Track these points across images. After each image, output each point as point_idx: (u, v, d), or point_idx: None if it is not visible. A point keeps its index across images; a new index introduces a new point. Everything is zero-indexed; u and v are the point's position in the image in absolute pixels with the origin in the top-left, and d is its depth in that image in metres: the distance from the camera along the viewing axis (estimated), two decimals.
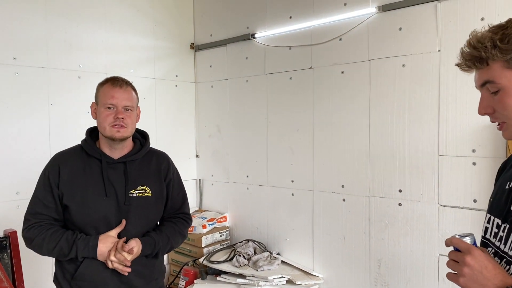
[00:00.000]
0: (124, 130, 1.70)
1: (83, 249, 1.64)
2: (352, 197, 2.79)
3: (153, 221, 1.84)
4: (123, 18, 3.31)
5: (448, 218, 2.40)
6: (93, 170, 1.73)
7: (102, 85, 1.76)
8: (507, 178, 1.08)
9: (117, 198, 1.72)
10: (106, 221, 1.70)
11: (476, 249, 0.95)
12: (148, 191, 1.78)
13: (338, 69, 2.84)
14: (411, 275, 2.56)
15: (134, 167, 1.79)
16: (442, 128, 2.41)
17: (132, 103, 1.73)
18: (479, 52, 0.96)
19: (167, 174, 1.87)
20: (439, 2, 2.39)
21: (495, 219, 1.06)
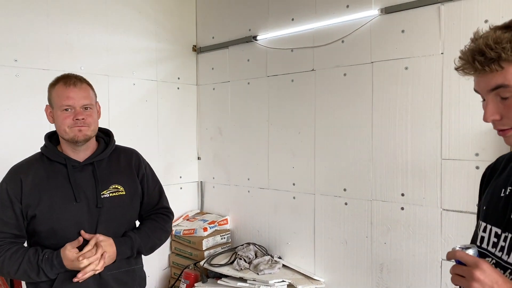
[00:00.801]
0: (87, 129, 1.60)
1: (51, 270, 1.54)
2: (354, 200, 2.77)
3: (131, 221, 1.78)
4: (125, 20, 3.30)
5: (450, 222, 2.38)
6: (58, 176, 1.63)
7: (53, 86, 1.63)
8: (501, 184, 1.04)
9: (88, 202, 1.63)
10: (79, 228, 1.59)
11: (484, 262, 0.90)
12: (121, 189, 1.71)
13: (340, 71, 2.82)
14: (413, 280, 2.53)
15: (103, 167, 1.70)
16: (445, 131, 2.38)
17: (90, 101, 1.63)
18: (497, 53, 0.88)
19: (139, 169, 1.80)
20: (442, 4, 2.36)
21: (492, 227, 1.02)
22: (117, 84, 3.24)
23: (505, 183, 1.02)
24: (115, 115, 3.21)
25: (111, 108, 3.18)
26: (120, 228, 1.71)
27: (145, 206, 1.82)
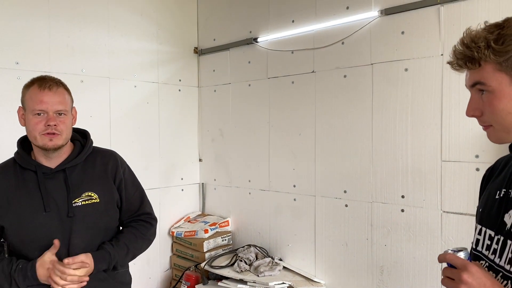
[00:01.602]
0: (58, 138, 1.52)
1: (24, 281, 1.47)
2: (354, 202, 2.76)
3: (108, 229, 1.66)
4: (126, 22, 3.31)
5: (451, 224, 2.36)
6: (28, 184, 1.55)
7: (28, 88, 1.55)
8: (496, 186, 1.03)
9: (59, 211, 1.54)
10: (49, 239, 1.50)
11: (473, 265, 0.90)
12: (95, 197, 1.60)
13: (340, 73, 2.81)
14: (413, 282, 2.51)
15: (76, 173, 1.60)
16: (445, 133, 2.37)
17: (65, 106, 1.54)
18: (472, 52, 0.91)
19: (116, 174, 1.68)
20: (442, 6, 2.36)
21: (487, 230, 1.01)
22: (118, 86, 3.25)
23: (500, 185, 1.02)
24: (117, 118, 3.22)
25: (112, 111, 3.20)
26: (96, 238, 1.61)
27: (125, 213, 1.72)
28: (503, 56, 0.89)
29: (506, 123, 0.92)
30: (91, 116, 3.09)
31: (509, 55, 0.88)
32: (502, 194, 0.99)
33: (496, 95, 0.92)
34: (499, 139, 0.96)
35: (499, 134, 0.95)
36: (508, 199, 0.97)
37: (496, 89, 0.91)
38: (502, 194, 0.99)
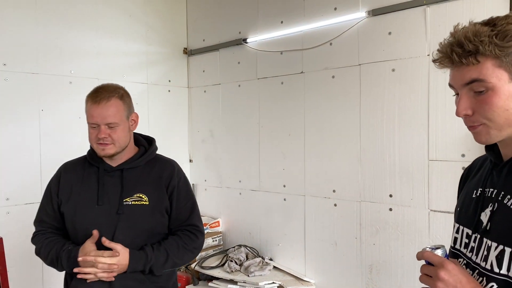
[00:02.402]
0: (110, 147, 1.64)
1: (67, 262, 1.62)
2: (343, 202, 2.78)
3: (151, 232, 1.71)
4: (115, 23, 3.31)
5: (438, 223, 2.39)
6: (90, 178, 1.71)
7: (86, 101, 1.69)
8: (473, 186, 1.05)
9: (110, 207, 1.66)
10: (97, 229, 1.63)
11: (450, 262, 0.92)
12: (145, 199, 1.69)
13: (329, 73, 2.83)
14: (402, 280, 2.54)
15: (133, 175, 1.72)
16: (432, 132, 2.40)
17: (115, 119, 1.63)
18: (475, 46, 0.88)
19: (170, 182, 1.75)
20: (428, 7, 2.38)
21: (464, 228, 1.03)
22: None
23: (477, 185, 1.03)
24: None
25: None
26: (139, 237, 1.67)
27: (173, 221, 1.76)
28: (505, 52, 0.87)
29: (502, 120, 0.91)
30: (79, 117, 3.06)
31: (510, 51, 0.87)
32: (479, 193, 1.01)
33: (496, 92, 0.90)
34: (489, 138, 0.94)
35: (491, 131, 0.93)
36: (484, 198, 0.98)
37: (496, 85, 0.89)
38: (478, 193, 1.01)
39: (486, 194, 0.98)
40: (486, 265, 0.93)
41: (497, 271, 0.90)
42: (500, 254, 0.89)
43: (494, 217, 0.94)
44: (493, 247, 0.92)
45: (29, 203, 2.82)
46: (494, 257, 0.91)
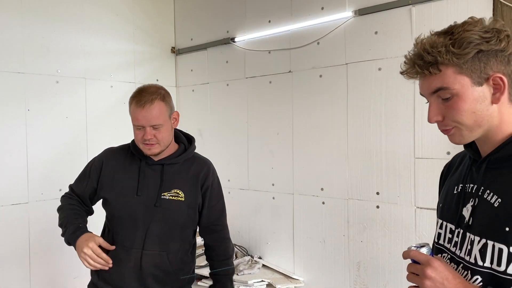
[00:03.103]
0: (155, 147, 1.74)
1: (71, 235, 1.72)
2: (331, 200, 2.80)
3: (183, 227, 1.82)
4: (102, 22, 3.29)
5: (424, 220, 2.42)
6: (132, 168, 1.81)
7: (130, 102, 1.77)
8: (454, 182, 1.08)
9: (148, 198, 1.76)
10: (132, 218, 1.75)
11: (436, 260, 0.94)
12: (182, 195, 1.79)
13: (316, 73, 2.85)
14: (389, 277, 2.57)
15: (173, 171, 1.82)
16: (418, 130, 2.43)
17: (159, 121, 1.72)
18: (434, 57, 0.94)
19: (205, 181, 1.86)
20: (413, 6, 2.41)
21: (447, 224, 1.06)
22: (94, 86, 3.23)
23: (457, 181, 1.06)
24: (93, 118, 3.20)
25: (88, 111, 3.18)
26: (171, 231, 1.78)
27: (204, 219, 1.87)
28: (462, 59, 0.93)
29: (470, 122, 0.96)
30: (67, 117, 3.06)
31: (468, 58, 0.93)
32: (460, 189, 1.04)
33: (461, 97, 0.95)
34: (463, 139, 0.99)
35: (463, 133, 0.98)
36: (465, 193, 1.02)
37: (460, 91, 0.95)
38: (459, 189, 1.04)
39: (467, 189, 1.01)
40: (470, 259, 0.96)
41: (481, 264, 0.93)
42: (483, 247, 0.92)
43: (476, 212, 0.97)
44: (476, 241, 0.94)
45: (16, 203, 2.80)
46: (477, 251, 0.94)
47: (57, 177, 2.99)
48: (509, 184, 0.91)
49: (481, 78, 0.93)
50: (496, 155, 0.95)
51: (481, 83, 0.94)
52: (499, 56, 0.92)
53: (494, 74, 0.93)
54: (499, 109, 0.95)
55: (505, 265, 0.87)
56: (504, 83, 0.92)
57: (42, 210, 2.91)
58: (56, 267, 2.98)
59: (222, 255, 1.92)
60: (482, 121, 0.95)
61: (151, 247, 1.75)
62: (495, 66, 0.92)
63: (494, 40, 0.91)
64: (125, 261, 1.74)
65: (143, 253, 1.74)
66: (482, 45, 0.91)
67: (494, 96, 0.94)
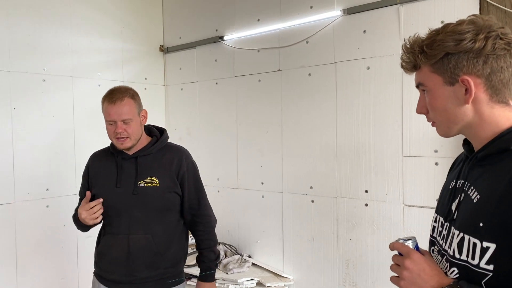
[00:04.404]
0: (127, 141, 1.92)
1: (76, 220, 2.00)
2: (320, 198, 2.82)
3: (162, 208, 1.97)
4: (89, 20, 3.25)
5: (412, 217, 2.45)
6: (111, 165, 2.01)
7: (103, 101, 1.95)
8: (451, 178, 1.11)
9: (127, 188, 1.94)
10: (115, 208, 1.94)
11: (415, 252, 1.00)
12: (156, 181, 1.95)
13: (305, 71, 2.86)
14: (378, 274, 2.59)
15: (146, 161, 1.99)
16: (406, 129, 2.45)
17: (129, 115, 1.90)
18: (409, 55, 1.02)
19: (180, 167, 2.01)
20: (401, 6, 2.43)
21: (440, 218, 1.10)
22: (82, 85, 3.19)
23: (453, 177, 1.10)
24: (81, 117, 3.16)
25: (76, 110, 3.14)
26: (152, 214, 1.95)
27: (185, 201, 2.03)
28: (433, 59, 0.98)
29: (443, 119, 1.02)
30: (53, 116, 3.03)
31: (437, 58, 0.97)
32: (453, 185, 1.07)
33: (433, 94, 1.01)
34: (444, 133, 1.05)
35: (442, 128, 1.04)
36: (456, 189, 1.05)
37: (432, 89, 1.01)
38: (453, 185, 1.08)
39: (458, 185, 1.05)
40: (450, 251, 1.00)
41: (458, 257, 0.96)
42: (461, 241, 0.96)
43: (460, 207, 1.01)
44: (455, 234, 0.98)
45: (2, 204, 2.77)
46: (456, 244, 0.97)
47: (44, 177, 2.96)
48: (488, 182, 0.94)
49: (452, 79, 0.97)
50: (482, 153, 0.98)
51: (453, 83, 0.97)
52: (471, 58, 0.94)
53: (463, 76, 0.95)
54: (476, 109, 0.97)
55: (478, 259, 0.90)
56: (470, 85, 0.95)
57: (29, 210, 2.88)
58: (43, 268, 2.94)
59: (203, 230, 2.08)
60: (455, 119, 0.99)
61: (136, 231, 1.92)
62: (465, 68, 0.95)
63: (466, 42, 0.93)
64: (114, 247, 1.94)
65: (129, 238, 1.91)
66: (450, 48, 0.95)
67: (465, 96, 0.97)
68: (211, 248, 2.10)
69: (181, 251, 2.07)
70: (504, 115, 0.97)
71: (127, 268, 1.92)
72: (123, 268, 1.92)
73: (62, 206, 3.03)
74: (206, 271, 2.07)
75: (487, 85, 0.95)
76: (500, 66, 0.94)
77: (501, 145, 0.94)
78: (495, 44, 0.93)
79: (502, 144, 0.94)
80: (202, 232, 2.09)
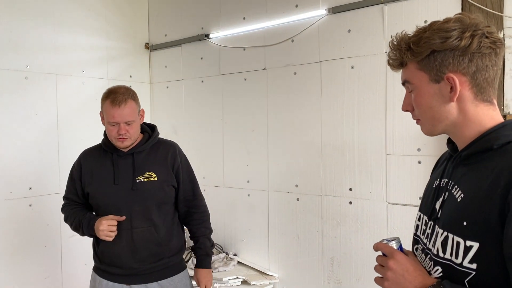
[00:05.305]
0: (127, 140, 1.95)
1: (86, 228, 1.95)
2: (305, 196, 2.83)
3: (162, 203, 2.01)
4: (73, 17, 3.21)
5: (396, 215, 2.47)
6: (106, 162, 2.01)
7: (103, 101, 1.94)
8: (435, 177, 1.12)
9: (125, 185, 1.96)
10: (115, 205, 1.95)
11: (399, 253, 1.00)
12: (154, 176, 1.99)
13: (291, 70, 2.87)
14: (362, 272, 2.61)
15: (142, 157, 2.02)
16: (389, 127, 2.47)
17: (131, 117, 1.93)
18: (396, 53, 1.01)
19: (174, 161, 2.06)
20: (385, 5, 2.45)
21: (423, 216, 1.10)
22: (65, 83, 3.16)
23: (437, 176, 1.10)
24: (64, 115, 3.13)
25: (59, 107, 3.11)
26: (152, 208, 1.98)
27: (180, 193, 2.08)
28: (419, 56, 0.97)
29: (428, 117, 1.01)
30: (36, 114, 2.99)
31: (423, 56, 0.97)
32: (437, 184, 1.08)
33: (419, 92, 1.01)
34: (428, 131, 1.05)
35: (426, 127, 1.04)
36: (440, 188, 1.05)
37: (418, 86, 1.00)
38: (436, 184, 1.08)
39: (442, 184, 1.05)
40: (434, 250, 0.99)
41: (442, 256, 0.96)
42: (445, 240, 0.96)
43: (444, 206, 1.01)
44: (439, 233, 0.98)
45: None
46: (440, 243, 0.97)
47: (26, 175, 2.92)
48: (472, 181, 0.94)
49: (437, 76, 0.97)
50: (466, 152, 0.98)
51: (438, 81, 0.97)
52: (457, 56, 0.94)
53: (449, 73, 0.95)
54: (461, 107, 0.97)
55: (461, 257, 0.91)
56: (455, 83, 0.95)
57: (11, 210, 2.84)
58: (27, 267, 2.91)
59: (198, 219, 2.14)
60: (440, 117, 0.99)
61: (139, 224, 1.96)
62: (451, 66, 0.95)
63: (452, 40, 0.93)
64: (118, 242, 1.94)
65: (132, 231, 1.95)
66: (437, 45, 0.94)
67: (450, 94, 0.97)
68: (206, 235, 2.15)
69: (181, 240, 2.12)
70: (488, 114, 0.97)
71: (133, 261, 1.96)
72: (129, 261, 1.96)
73: (45, 205, 3.00)
74: (202, 257, 2.12)
75: (472, 83, 0.95)
76: (485, 64, 0.94)
77: (485, 144, 0.94)
78: (481, 43, 0.93)
79: (485, 143, 0.94)
80: (197, 221, 2.14)
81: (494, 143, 0.93)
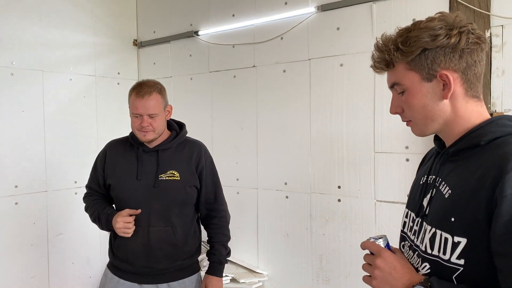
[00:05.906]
0: (150, 134, 1.92)
1: (105, 223, 1.94)
2: (294, 194, 2.83)
3: (182, 203, 1.98)
4: (59, 12, 3.17)
5: (384, 213, 2.49)
6: (131, 156, 2.00)
7: (130, 94, 1.94)
8: (422, 173, 1.12)
9: (147, 181, 1.94)
10: (135, 200, 1.92)
11: (386, 251, 0.99)
12: (177, 175, 1.96)
13: (280, 67, 2.86)
14: (350, 269, 2.63)
15: (167, 154, 1.99)
16: (378, 125, 2.48)
17: (155, 110, 1.90)
18: (384, 54, 1.00)
19: (199, 161, 2.03)
20: (374, 3, 2.46)
21: (411, 213, 1.10)
22: (52, 79, 3.12)
23: (424, 173, 1.10)
24: (51, 112, 3.09)
25: (46, 104, 3.07)
26: (172, 207, 1.95)
27: (202, 195, 2.04)
28: (409, 56, 0.97)
29: (421, 116, 1.00)
30: (23, 110, 2.95)
31: (414, 55, 0.96)
32: (424, 180, 1.08)
33: (410, 92, 1.00)
34: (420, 132, 1.04)
35: (419, 127, 1.03)
36: (427, 184, 1.06)
37: (409, 86, 0.99)
38: (424, 180, 1.08)
39: (429, 181, 1.05)
40: (422, 247, 1.00)
41: (429, 252, 0.97)
42: (433, 236, 0.96)
43: (431, 202, 1.01)
44: (427, 230, 0.99)
45: None
46: (428, 239, 0.98)
47: (12, 173, 2.88)
48: (460, 177, 0.95)
49: (429, 75, 0.97)
50: (453, 148, 0.99)
51: (430, 79, 0.97)
52: (448, 53, 0.95)
53: (441, 71, 0.96)
54: (453, 104, 0.98)
55: (449, 253, 0.91)
56: (449, 80, 0.95)
57: None
58: (13, 266, 2.87)
59: (217, 224, 2.11)
60: (434, 115, 0.99)
61: (156, 223, 1.92)
62: (443, 63, 0.95)
63: (441, 38, 0.94)
64: (134, 239, 1.91)
65: (149, 230, 1.91)
66: (427, 43, 0.94)
67: (443, 91, 0.97)
68: (223, 242, 2.12)
69: (196, 243, 2.09)
70: (477, 110, 0.98)
71: (146, 260, 1.92)
72: (142, 260, 1.93)
73: (32, 203, 2.96)
74: (215, 265, 2.08)
75: (463, 79, 0.96)
76: (474, 60, 0.96)
77: (472, 140, 0.95)
78: (469, 39, 0.94)
79: (473, 140, 0.95)
80: (216, 226, 2.11)
81: (482, 140, 0.93)
